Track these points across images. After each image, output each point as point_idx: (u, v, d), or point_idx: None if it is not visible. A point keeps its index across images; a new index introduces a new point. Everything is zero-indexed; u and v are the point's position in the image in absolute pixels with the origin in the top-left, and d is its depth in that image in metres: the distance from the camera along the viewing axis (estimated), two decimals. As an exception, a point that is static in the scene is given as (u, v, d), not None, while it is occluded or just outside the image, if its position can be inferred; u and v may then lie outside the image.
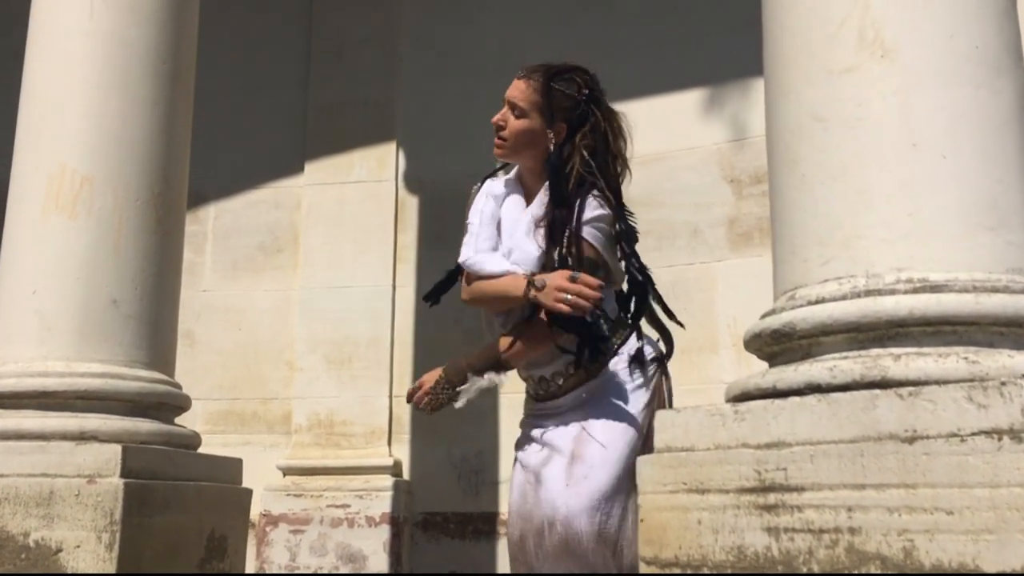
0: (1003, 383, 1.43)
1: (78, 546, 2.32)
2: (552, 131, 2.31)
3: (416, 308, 5.07)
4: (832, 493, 1.55)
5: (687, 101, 4.89)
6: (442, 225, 5.09)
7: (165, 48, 2.89)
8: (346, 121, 5.37)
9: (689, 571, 1.71)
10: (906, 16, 1.76)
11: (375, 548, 4.70)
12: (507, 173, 2.50)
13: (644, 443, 2.22)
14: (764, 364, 1.90)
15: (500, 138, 2.36)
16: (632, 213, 2.40)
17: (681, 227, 4.83)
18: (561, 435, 2.29)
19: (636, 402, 2.31)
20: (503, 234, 2.36)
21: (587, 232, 2.26)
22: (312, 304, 5.25)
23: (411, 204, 5.23)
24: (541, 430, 2.33)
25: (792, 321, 1.73)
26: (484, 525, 4.89)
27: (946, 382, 1.52)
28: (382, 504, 4.77)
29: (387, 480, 4.83)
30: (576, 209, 2.24)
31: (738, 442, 1.70)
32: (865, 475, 1.51)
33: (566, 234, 2.23)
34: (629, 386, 2.32)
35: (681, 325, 2.48)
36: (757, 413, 1.69)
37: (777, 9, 1.93)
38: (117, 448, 2.39)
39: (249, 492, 3.02)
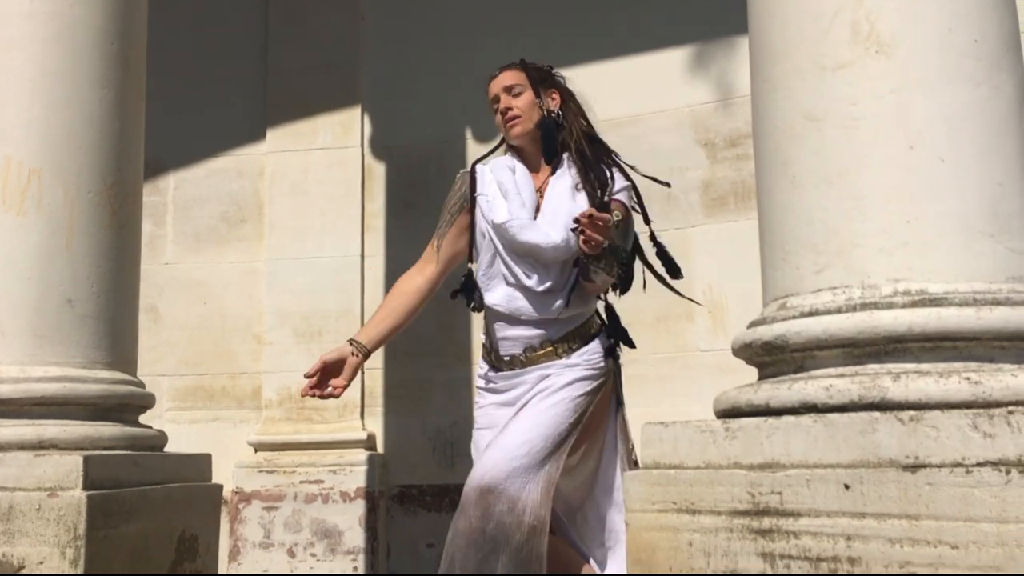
0: (1010, 411, 1.37)
1: (41, 562, 2.23)
2: (545, 98, 2.49)
3: (386, 278, 4.96)
4: (830, 520, 1.49)
5: (660, 62, 4.76)
6: (411, 192, 4.97)
7: (113, 26, 2.72)
8: (308, 86, 5.19)
9: (680, 594, 1.66)
10: (902, 8, 1.66)
11: (351, 523, 4.65)
12: (496, 156, 2.61)
13: (581, 428, 2.32)
14: (737, 335, 1.84)
15: (514, 116, 2.47)
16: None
17: (655, 192, 4.71)
18: (504, 416, 2.36)
19: (578, 388, 2.34)
20: (515, 202, 2.41)
21: (622, 197, 2.49)
22: (279, 276, 5.12)
23: (378, 171, 5.09)
24: (497, 407, 2.39)
25: (785, 334, 1.66)
26: (460, 496, 4.86)
27: (948, 405, 1.46)
28: (356, 479, 4.71)
29: (361, 454, 4.76)
30: (611, 176, 2.48)
31: (730, 461, 1.63)
32: (865, 503, 1.45)
33: (604, 198, 2.39)
34: (577, 372, 2.35)
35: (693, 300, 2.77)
36: (749, 432, 1.62)
37: (765, -3, 1.82)
38: (78, 459, 2.29)
39: (219, 488, 2.93)
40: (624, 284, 2.42)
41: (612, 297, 2.55)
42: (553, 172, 2.48)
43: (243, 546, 4.72)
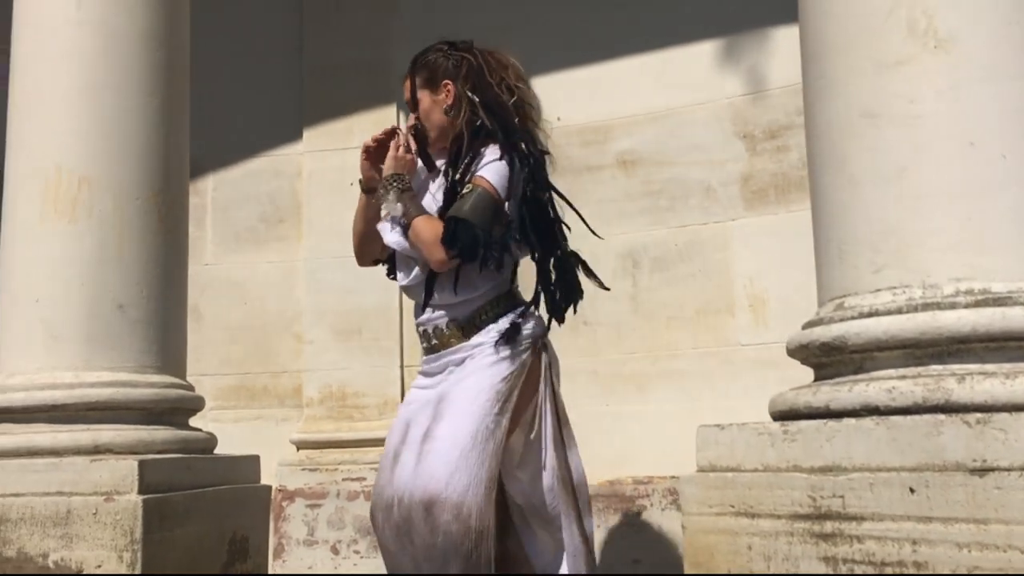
0: (1082, 413, 1.34)
1: (99, 566, 2.26)
2: (439, 96, 2.46)
3: (424, 276, 4.96)
4: (895, 525, 1.47)
5: (698, 54, 4.71)
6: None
7: (158, 33, 2.74)
8: (343, 85, 5.20)
9: (740, 598, 1.65)
10: (960, 3, 1.63)
11: (393, 521, 4.67)
12: None
13: (509, 417, 2.27)
14: (785, 335, 1.83)
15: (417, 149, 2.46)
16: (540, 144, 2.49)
17: (693, 186, 4.69)
18: (424, 405, 2.36)
19: (495, 374, 2.30)
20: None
21: (485, 172, 2.34)
22: (318, 275, 5.14)
23: (415, 169, 5.10)
24: (419, 389, 2.41)
25: (844, 335, 1.64)
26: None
27: (1016, 407, 1.44)
28: (398, 476, 4.72)
29: (402, 452, 4.77)
30: (471, 159, 2.37)
31: (789, 464, 1.62)
32: (931, 507, 1.43)
33: (456, 176, 2.35)
34: (492, 358, 2.32)
35: (604, 287, 2.55)
36: (809, 435, 1.61)
37: (818, -7, 1.80)
38: (133, 464, 2.32)
39: (268, 489, 2.96)
40: (470, 256, 2.29)
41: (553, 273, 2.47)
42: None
43: (287, 544, 4.76)
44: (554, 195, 2.46)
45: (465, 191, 2.29)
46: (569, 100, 4.78)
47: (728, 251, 4.60)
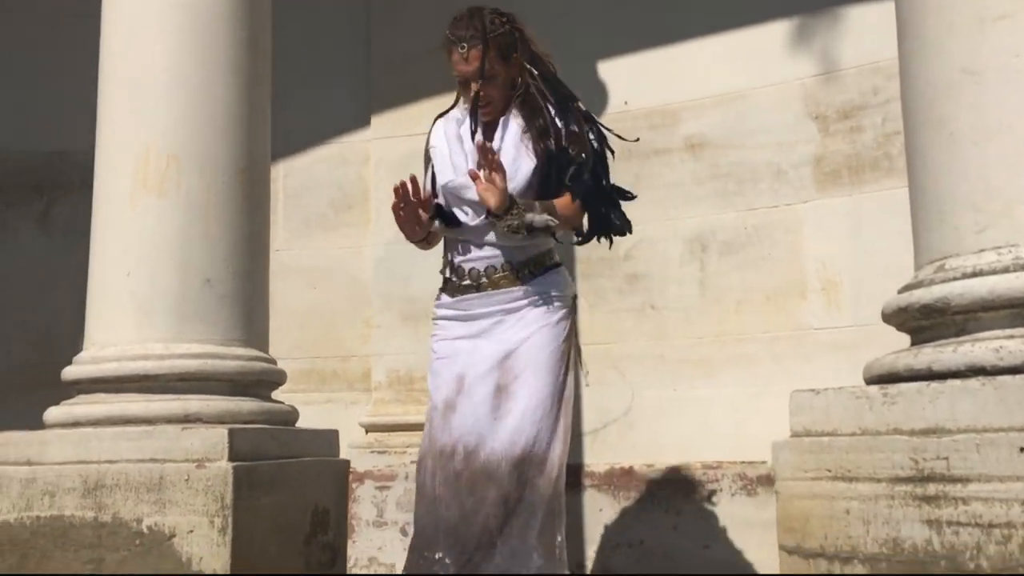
0: None
1: (191, 531, 2.32)
2: (493, 62, 2.53)
3: (491, 260, 4.98)
4: (1003, 486, 1.45)
5: (767, 35, 4.65)
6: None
7: (242, 13, 2.79)
8: (410, 71, 5.23)
9: (837, 563, 1.63)
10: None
11: (462, 503, 4.70)
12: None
13: (573, 376, 2.43)
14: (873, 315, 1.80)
15: (487, 103, 2.55)
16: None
17: (763, 169, 4.63)
18: (484, 357, 2.40)
19: (559, 334, 2.43)
20: (458, 158, 2.53)
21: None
22: (385, 261, 5.18)
23: (481, 154, 5.12)
24: (458, 339, 2.45)
25: (946, 296, 1.61)
26: (569, 476, 4.85)
27: None
28: (466, 459, 4.75)
29: (470, 434, 4.80)
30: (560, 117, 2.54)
31: (889, 427, 1.60)
32: (1042, 467, 1.41)
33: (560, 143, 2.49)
34: (554, 316, 2.43)
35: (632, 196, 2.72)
36: (910, 397, 1.58)
37: (914, -48, 1.77)
38: (223, 431, 2.37)
39: (346, 463, 3.01)
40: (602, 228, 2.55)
41: None
42: (502, 123, 2.55)
43: (357, 524, 4.82)
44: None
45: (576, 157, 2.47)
46: (636, 84, 4.77)
47: (799, 234, 4.53)
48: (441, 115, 2.76)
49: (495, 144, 2.48)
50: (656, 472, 4.32)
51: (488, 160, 2.33)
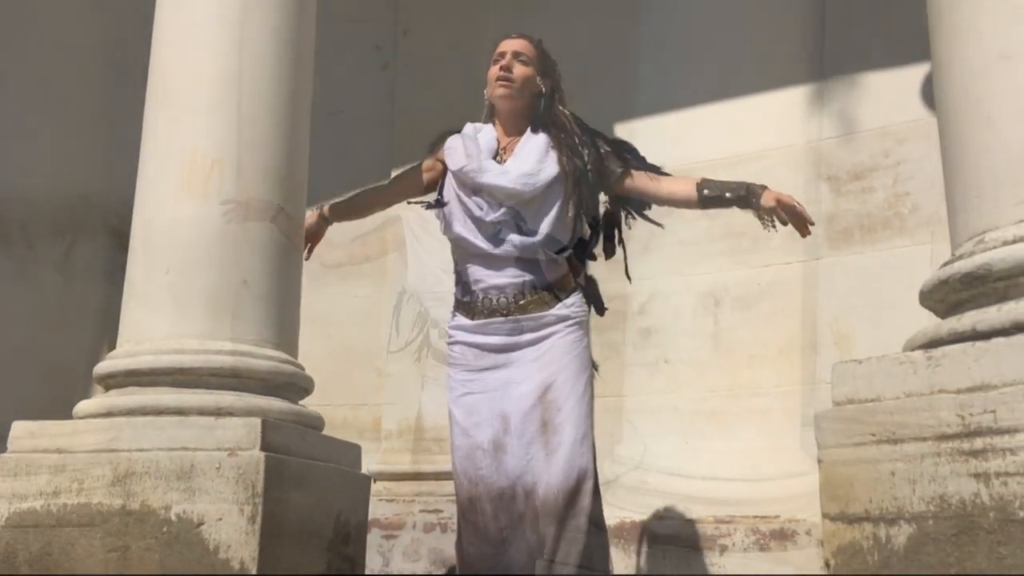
0: None
1: (220, 519, 2.30)
2: (544, 81, 2.65)
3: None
4: (1051, 432, 1.47)
5: (781, 99, 4.82)
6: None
7: (287, 32, 2.91)
8: (431, 130, 5.38)
9: (883, 525, 1.64)
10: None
11: (469, 553, 4.64)
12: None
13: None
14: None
15: (509, 79, 2.61)
16: None
17: (777, 225, 4.73)
18: (525, 394, 2.41)
19: (586, 357, 2.49)
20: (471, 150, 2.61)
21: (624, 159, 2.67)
22: (400, 310, 5.24)
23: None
24: (486, 370, 2.41)
25: (989, 262, 1.66)
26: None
27: None
28: (475, 509, 4.70)
29: (480, 484, 4.76)
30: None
31: (933, 389, 1.63)
32: (1090, 411, 1.44)
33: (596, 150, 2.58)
34: (582, 340, 2.49)
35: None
36: (955, 357, 1.62)
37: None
38: (256, 421, 2.38)
39: (368, 479, 3.00)
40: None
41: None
42: (526, 136, 2.64)
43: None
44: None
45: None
46: (652, 144, 4.88)
47: (813, 290, 4.61)
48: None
49: (518, 150, 2.55)
50: (668, 526, 4.29)
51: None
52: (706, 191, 2.49)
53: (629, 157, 2.71)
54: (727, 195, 2.50)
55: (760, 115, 4.81)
